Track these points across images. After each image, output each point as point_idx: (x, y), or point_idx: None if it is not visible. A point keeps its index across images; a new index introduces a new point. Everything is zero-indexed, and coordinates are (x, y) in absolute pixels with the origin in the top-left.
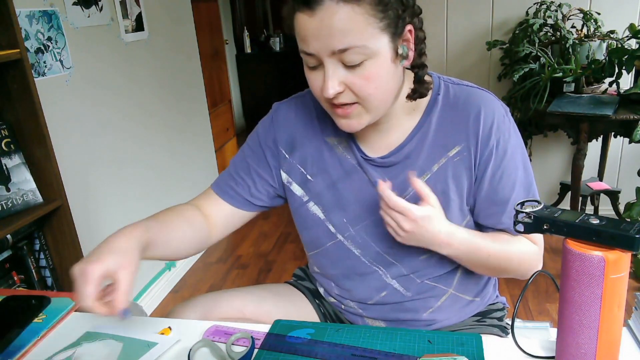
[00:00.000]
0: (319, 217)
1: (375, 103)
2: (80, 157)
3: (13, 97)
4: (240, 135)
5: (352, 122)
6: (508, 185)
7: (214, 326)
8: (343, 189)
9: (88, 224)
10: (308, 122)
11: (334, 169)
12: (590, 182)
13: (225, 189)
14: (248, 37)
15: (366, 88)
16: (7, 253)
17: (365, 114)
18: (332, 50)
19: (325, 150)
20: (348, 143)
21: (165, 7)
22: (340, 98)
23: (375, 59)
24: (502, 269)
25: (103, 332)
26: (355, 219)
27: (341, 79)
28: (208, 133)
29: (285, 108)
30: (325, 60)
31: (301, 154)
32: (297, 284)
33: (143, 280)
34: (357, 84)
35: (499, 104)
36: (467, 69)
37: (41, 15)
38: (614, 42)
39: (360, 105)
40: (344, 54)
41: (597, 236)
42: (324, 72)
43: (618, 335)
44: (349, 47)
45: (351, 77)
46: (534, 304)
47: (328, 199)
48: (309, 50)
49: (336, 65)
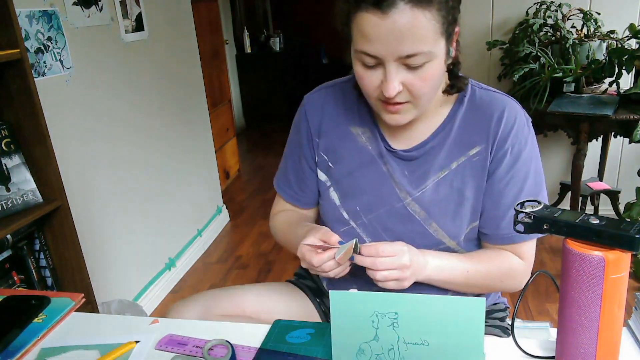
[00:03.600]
0: (335, 202)
1: (424, 101)
2: (80, 157)
3: (13, 97)
4: (240, 135)
5: (400, 118)
6: (513, 191)
7: (168, 335)
8: (360, 177)
9: (88, 224)
10: (335, 112)
11: (353, 158)
12: (590, 182)
13: (294, 195)
14: (248, 37)
15: (423, 88)
16: (7, 253)
17: (414, 109)
18: (399, 55)
19: (348, 140)
20: (373, 133)
21: (165, 7)
22: (397, 97)
23: (434, 61)
24: (484, 286)
25: (59, 345)
26: (369, 208)
27: (402, 79)
28: (208, 133)
29: (315, 98)
30: (388, 62)
31: (326, 142)
32: (298, 282)
33: (143, 280)
34: (417, 85)
35: (522, 112)
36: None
37: (41, 15)
38: (614, 42)
39: (411, 104)
40: (410, 58)
41: (597, 236)
42: (383, 72)
43: (618, 335)
44: (417, 53)
45: (411, 78)
46: (534, 304)
47: (344, 186)
48: (371, 52)
49: (399, 66)
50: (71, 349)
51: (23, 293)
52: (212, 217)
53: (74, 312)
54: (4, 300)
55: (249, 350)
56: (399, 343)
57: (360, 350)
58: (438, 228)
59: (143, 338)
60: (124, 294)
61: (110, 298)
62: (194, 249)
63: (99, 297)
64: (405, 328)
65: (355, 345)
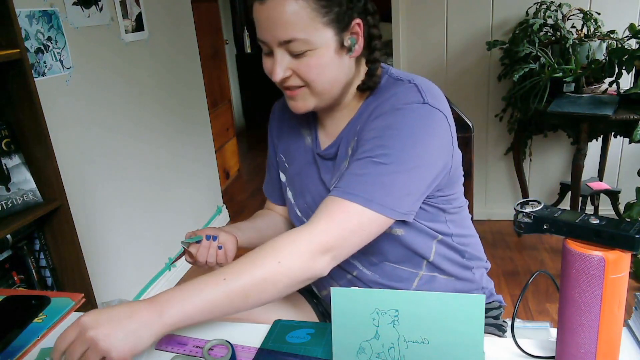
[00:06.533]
0: (291, 201)
1: (319, 88)
2: (80, 157)
3: (13, 97)
4: (240, 135)
5: (298, 104)
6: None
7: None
8: (304, 177)
9: (88, 224)
10: (291, 115)
11: (301, 159)
12: (590, 182)
13: (270, 192)
14: (248, 37)
15: (309, 74)
16: (7, 253)
17: (311, 97)
18: (278, 41)
19: (298, 141)
20: (313, 136)
21: (165, 7)
22: (289, 82)
23: (318, 50)
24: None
25: None
26: (312, 206)
27: (288, 65)
28: (208, 133)
29: (279, 104)
30: (275, 48)
31: (283, 144)
32: None
33: (143, 280)
34: (302, 71)
35: (414, 95)
36: (467, 69)
37: (41, 15)
38: (614, 42)
39: (307, 89)
40: (289, 44)
41: (597, 236)
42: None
43: (618, 335)
44: (292, 39)
45: (296, 64)
46: (534, 304)
47: (295, 186)
48: (260, 37)
49: (284, 53)
50: None
51: (23, 293)
52: (212, 217)
53: (74, 312)
54: (4, 300)
55: (249, 350)
56: (400, 341)
57: (360, 349)
58: None
59: None
60: (124, 294)
61: (110, 298)
62: None
63: (99, 297)
64: (406, 326)
65: (356, 343)
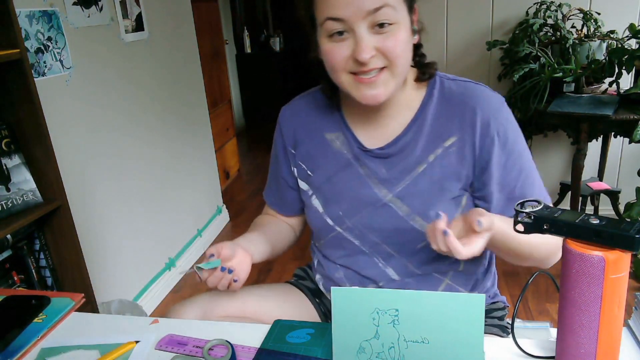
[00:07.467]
0: (318, 210)
1: (400, 68)
2: (80, 157)
3: (13, 97)
4: (240, 135)
5: (380, 91)
6: (514, 172)
7: (168, 335)
8: (338, 182)
9: (88, 224)
10: (309, 120)
11: (330, 164)
12: (590, 182)
13: (274, 202)
14: (248, 37)
15: (395, 49)
16: (7, 253)
17: (392, 80)
18: (367, 10)
19: (323, 146)
20: (346, 137)
21: (165, 7)
22: (372, 63)
23: (400, 25)
24: (527, 254)
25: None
26: (351, 212)
27: (373, 44)
28: (208, 133)
29: (289, 109)
30: (357, 25)
31: (302, 151)
32: (297, 283)
33: (143, 280)
34: (389, 46)
35: (494, 95)
36: (467, 69)
37: (41, 15)
38: (614, 42)
39: (389, 71)
40: (378, 13)
41: (597, 236)
42: (353, 41)
43: (618, 335)
44: (383, 5)
45: (382, 40)
46: (534, 304)
47: (325, 193)
48: (338, 14)
49: (366, 29)
50: (71, 349)
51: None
52: (212, 217)
53: (74, 312)
54: (4, 300)
55: (249, 350)
56: (400, 341)
57: (360, 349)
58: (422, 222)
59: (143, 338)
60: (124, 294)
61: (110, 298)
62: (194, 249)
63: (99, 297)
64: (406, 325)
65: (356, 343)
